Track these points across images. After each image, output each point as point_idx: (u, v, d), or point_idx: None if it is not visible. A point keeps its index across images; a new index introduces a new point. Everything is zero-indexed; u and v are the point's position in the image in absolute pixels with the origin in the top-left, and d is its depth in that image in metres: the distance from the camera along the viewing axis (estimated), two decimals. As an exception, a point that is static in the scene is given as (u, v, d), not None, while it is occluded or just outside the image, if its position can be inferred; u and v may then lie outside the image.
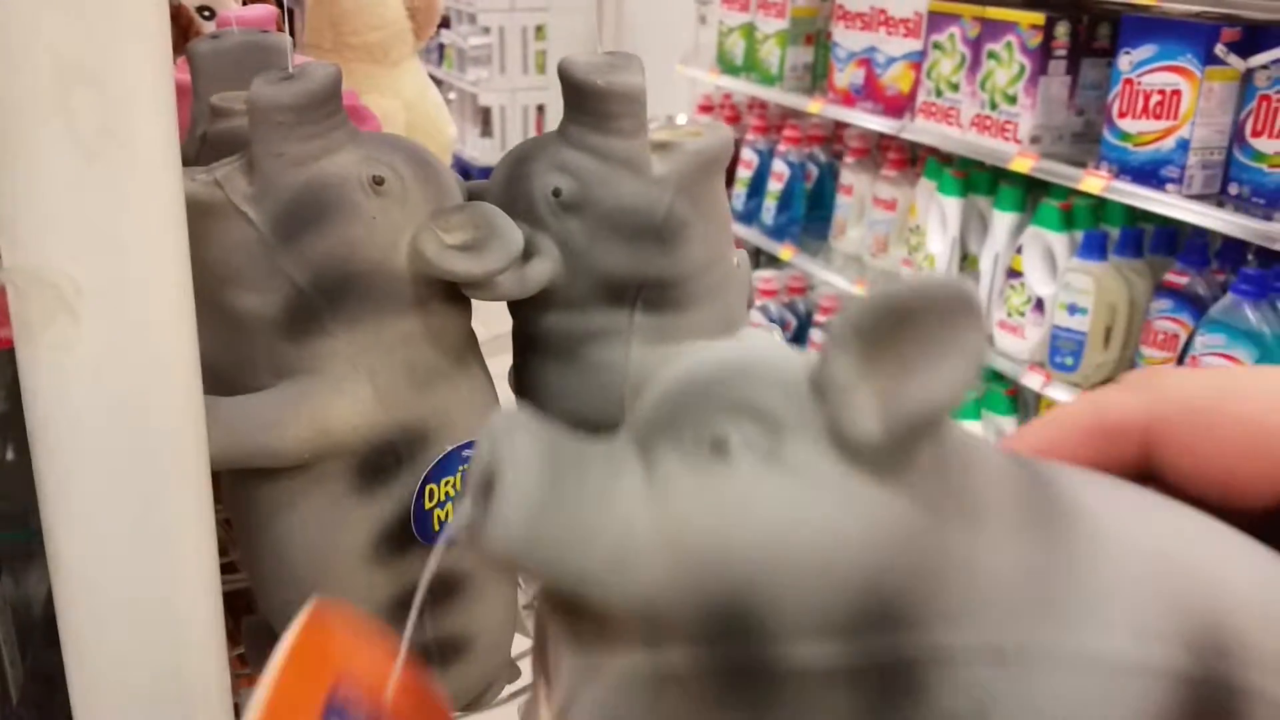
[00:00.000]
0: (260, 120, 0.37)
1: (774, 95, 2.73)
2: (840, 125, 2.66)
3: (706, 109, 3.12)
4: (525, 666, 0.55)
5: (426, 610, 0.41)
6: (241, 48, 0.46)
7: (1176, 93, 1.75)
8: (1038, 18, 1.98)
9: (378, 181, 0.38)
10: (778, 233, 2.74)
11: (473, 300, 0.42)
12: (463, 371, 0.41)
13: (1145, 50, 1.79)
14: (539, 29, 4.18)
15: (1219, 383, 0.27)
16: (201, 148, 0.46)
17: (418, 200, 0.39)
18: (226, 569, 0.52)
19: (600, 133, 0.40)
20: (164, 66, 0.31)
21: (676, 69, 3.18)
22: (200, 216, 0.37)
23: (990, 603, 0.21)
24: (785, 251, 2.71)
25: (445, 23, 4.50)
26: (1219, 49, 1.71)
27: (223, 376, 0.39)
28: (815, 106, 2.57)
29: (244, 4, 0.71)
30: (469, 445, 0.40)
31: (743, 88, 2.83)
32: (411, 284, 0.38)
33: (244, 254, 0.37)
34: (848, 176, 2.61)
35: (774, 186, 2.77)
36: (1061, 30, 2.00)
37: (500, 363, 0.47)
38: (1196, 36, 1.72)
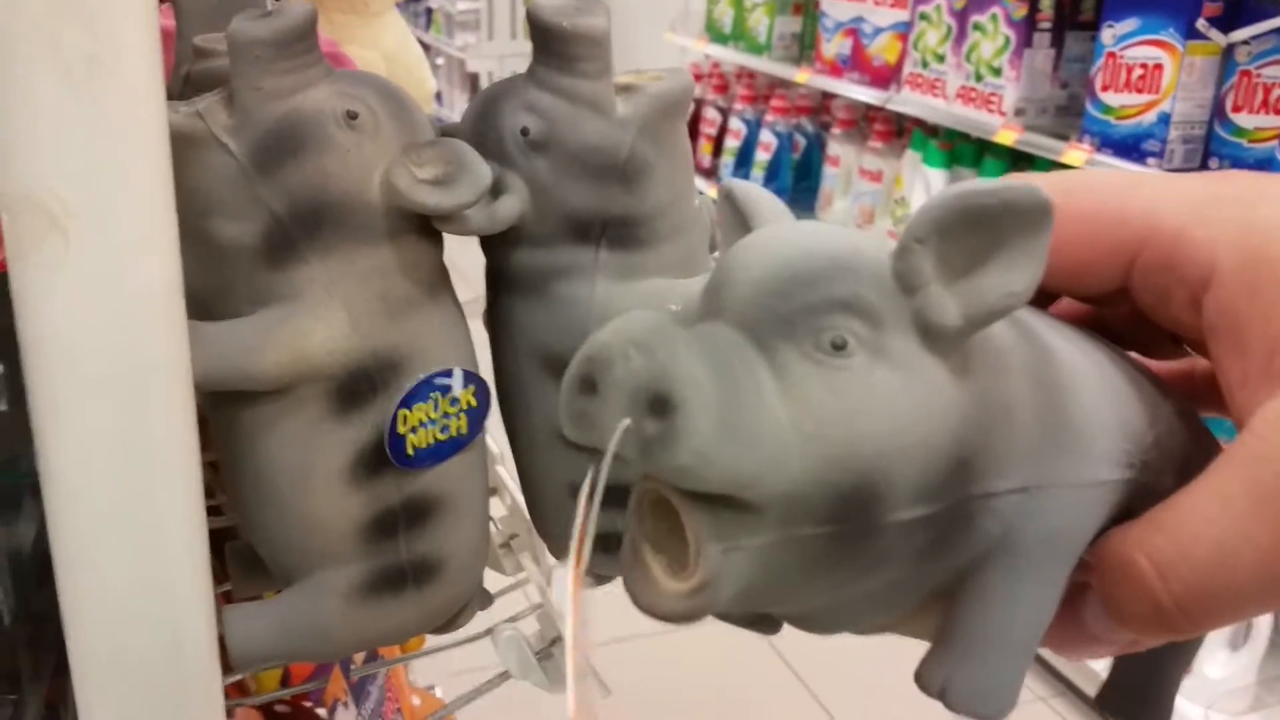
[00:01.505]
0: (239, 55, 0.38)
1: (762, 65, 2.74)
2: (828, 96, 2.67)
3: (695, 77, 3.12)
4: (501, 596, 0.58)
5: (400, 532, 0.43)
6: (222, -8, 0.48)
7: (1158, 66, 1.77)
8: (1023, -11, 2.00)
9: (351, 116, 0.39)
10: (764, 203, 2.76)
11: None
12: (434, 303, 0.42)
13: (1128, 24, 1.81)
14: (529, -4, 4.19)
15: (1068, 183, 0.30)
16: (185, 87, 0.48)
17: (390, 135, 0.40)
18: (214, 511, 0.54)
19: (566, 74, 0.42)
20: (149, 2, 0.33)
21: (665, 36, 3.18)
22: (183, 147, 0.39)
23: (1021, 451, 0.26)
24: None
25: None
26: (1200, 23, 1.73)
27: (205, 304, 0.41)
28: (803, 76, 2.58)
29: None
30: (442, 374, 0.42)
31: (731, 56, 2.84)
32: (384, 216, 0.40)
33: (224, 183, 0.39)
34: (834, 147, 2.62)
35: (761, 157, 2.79)
36: (1046, 3, 2.01)
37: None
38: (1179, 10, 1.74)
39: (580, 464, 0.46)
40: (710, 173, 3.00)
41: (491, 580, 0.59)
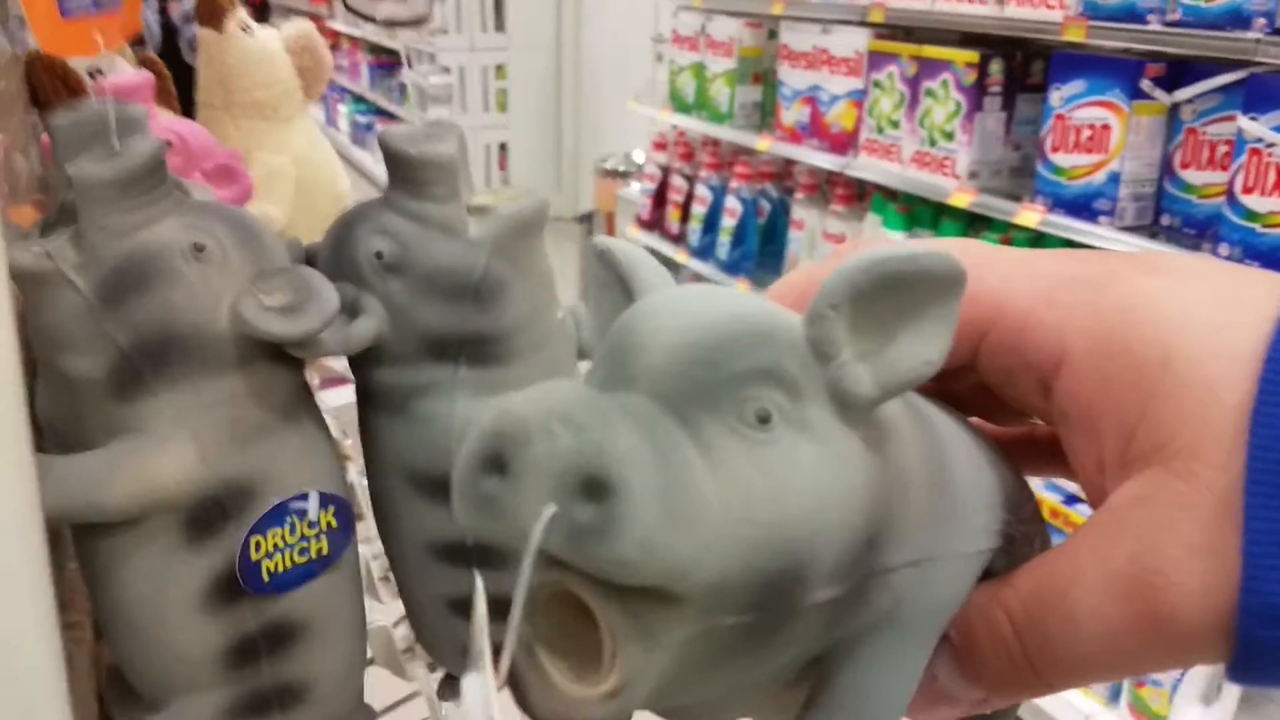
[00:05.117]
0: (84, 195, 0.39)
1: (724, 133, 2.77)
2: (789, 162, 2.70)
3: (660, 146, 3.16)
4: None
5: (263, 658, 0.43)
6: (100, 118, 0.48)
7: (1106, 127, 1.80)
8: (972, 56, 2.03)
9: (198, 248, 0.40)
10: (732, 268, 2.78)
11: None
12: (290, 426, 0.43)
13: (1075, 86, 1.84)
14: (499, 68, 4.25)
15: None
16: (60, 214, 0.49)
17: (238, 265, 0.41)
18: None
19: (417, 199, 0.43)
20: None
21: (630, 106, 3.22)
22: (34, 286, 0.40)
23: (914, 524, 0.25)
24: (740, 287, 2.74)
25: (406, 62, 4.55)
26: (1145, 84, 1.75)
27: (62, 437, 0.41)
28: (764, 144, 2.61)
29: (138, 66, 0.73)
30: (298, 498, 0.42)
31: (695, 125, 2.88)
32: (233, 344, 0.40)
33: (72, 320, 0.39)
34: (798, 212, 2.65)
35: (727, 222, 2.81)
36: (995, 67, 2.04)
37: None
38: (1123, 72, 1.76)
39: (453, 577, 0.47)
40: (679, 239, 3.02)
41: (394, 687, 0.59)
